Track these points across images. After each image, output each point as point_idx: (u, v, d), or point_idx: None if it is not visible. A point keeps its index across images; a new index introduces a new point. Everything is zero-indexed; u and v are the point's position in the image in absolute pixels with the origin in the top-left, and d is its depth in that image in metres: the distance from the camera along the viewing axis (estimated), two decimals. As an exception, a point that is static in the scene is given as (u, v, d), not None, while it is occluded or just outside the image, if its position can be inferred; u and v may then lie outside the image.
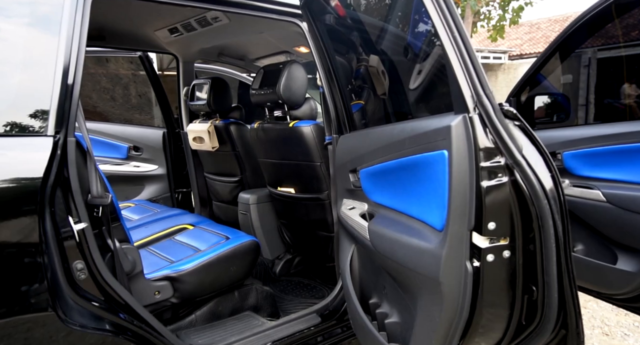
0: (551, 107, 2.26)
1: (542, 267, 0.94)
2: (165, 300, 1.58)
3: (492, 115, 0.92)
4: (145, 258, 1.75)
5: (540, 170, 0.92)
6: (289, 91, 2.07)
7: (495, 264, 0.94)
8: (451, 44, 0.95)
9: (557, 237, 0.91)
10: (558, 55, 2.10)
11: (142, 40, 2.59)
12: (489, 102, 0.93)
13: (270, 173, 2.40)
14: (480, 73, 0.94)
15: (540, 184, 0.91)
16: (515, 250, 0.95)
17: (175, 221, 2.17)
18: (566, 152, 1.85)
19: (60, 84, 1.14)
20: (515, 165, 0.92)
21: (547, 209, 0.90)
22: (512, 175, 0.92)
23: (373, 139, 1.41)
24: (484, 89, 0.94)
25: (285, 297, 2.22)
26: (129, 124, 3.28)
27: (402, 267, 1.13)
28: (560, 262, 0.93)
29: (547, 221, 0.91)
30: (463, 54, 0.94)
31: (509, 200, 0.93)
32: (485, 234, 0.92)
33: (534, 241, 0.94)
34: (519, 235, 0.94)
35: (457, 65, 0.94)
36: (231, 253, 1.74)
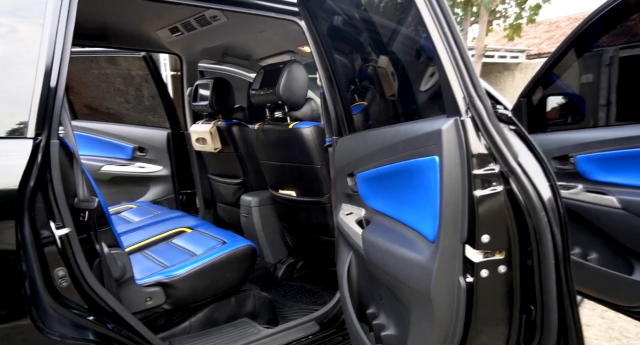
0: (565, 108, 2.15)
1: (541, 285, 0.86)
2: (157, 307, 1.54)
3: (485, 118, 0.84)
4: (140, 263, 1.72)
5: (537, 179, 0.84)
6: (289, 91, 2.02)
7: (489, 280, 0.86)
8: (442, 41, 0.88)
9: (557, 252, 0.83)
10: (573, 52, 1.99)
11: (144, 40, 2.57)
12: (482, 104, 0.85)
13: (272, 175, 2.35)
14: (473, 73, 0.87)
15: (537, 194, 0.83)
16: (512, 266, 0.87)
17: (175, 224, 2.13)
18: (579, 155, 1.75)
19: (42, 83, 1.10)
20: (510, 173, 0.84)
21: (545, 222, 0.82)
22: (507, 184, 0.84)
23: (369, 142, 1.35)
24: (476, 90, 0.86)
25: (286, 303, 2.17)
26: (134, 125, 3.26)
27: (394, 279, 1.06)
28: (561, 280, 0.84)
29: (544, 235, 0.83)
30: (454, 51, 0.87)
31: (504, 211, 0.84)
32: (479, 247, 0.85)
33: (532, 256, 0.86)
34: (515, 250, 0.86)
35: (447, 64, 0.87)
36: (226, 258, 1.69)
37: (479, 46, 9.21)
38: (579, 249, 1.83)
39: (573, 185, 1.79)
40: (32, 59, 1.10)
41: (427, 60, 1.34)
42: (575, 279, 1.87)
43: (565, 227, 0.86)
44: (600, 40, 2.00)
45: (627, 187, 1.54)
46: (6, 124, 1.07)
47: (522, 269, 0.87)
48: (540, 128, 2.11)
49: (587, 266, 1.74)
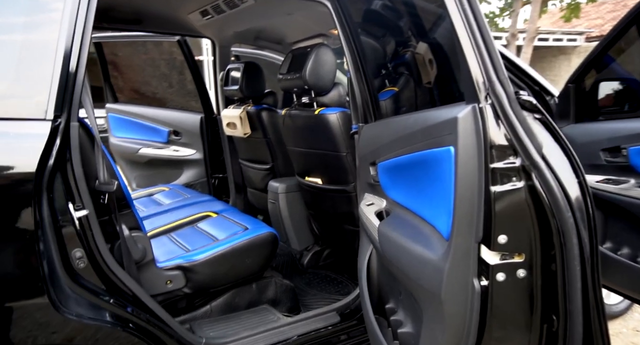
0: (620, 95, 1.94)
1: (565, 293, 0.76)
2: (177, 290, 1.56)
3: (506, 105, 0.74)
4: (163, 245, 1.75)
5: (564, 174, 0.74)
6: (316, 76, 1.95)
7: (506, 285, 0.77)
8: (461, 18, 0.79)
9: (583, 257, 0.73)
10: (635, 31, 1.78)
11: (177, 24, 2.58)
12: (503, 89, 0.75)
13: (298, 162, 2.31)
14: (494, 54, 0.77)
15: (563, 191, 0.73)
16: (533, 270, 0.77)
17: (202, 208, 2.16)
18: (633, 146, 1.58)
19: (62, 66, 1.10)
20: (532, 168, 0.74)
21: (571, 223, 0.72)
22: (529, 180, 0.74)
23: (391, 130, 1.27)
24: (497, 74, 0.76)
25: (310, 291, 2.15)
26: (169, 108, 3.32)
27: (407, 277, 1.00)
28: (587, 288, 0.75)
29: (570, 238, 0.73)
30: (474, 30, 0.77)
31: (524, 210, 0.75)
32: (496, 249, 0.76)
33: (556, 260, 0.76)
34: (537, 252, 0.76)
35: (466, 44, 0.78)
36: (247, 245, 1.68)
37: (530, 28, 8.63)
38: (627, 250, 1.67)
39: (624, 179, 1.62)
40: (51, 41, 1.10)
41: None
42: (623, 282, 1.72)
43: (595, 229, 0.75)
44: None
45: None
46: (25, 106, 1.09)
47: (544, 274, 0.77)
48: (591, 117, 1.92)
49: (637, 269, 1.58)
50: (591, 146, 1.77)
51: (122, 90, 3.80)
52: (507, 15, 9.63)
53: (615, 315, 2.42)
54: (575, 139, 1.88)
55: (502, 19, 10.17)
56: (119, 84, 3.85)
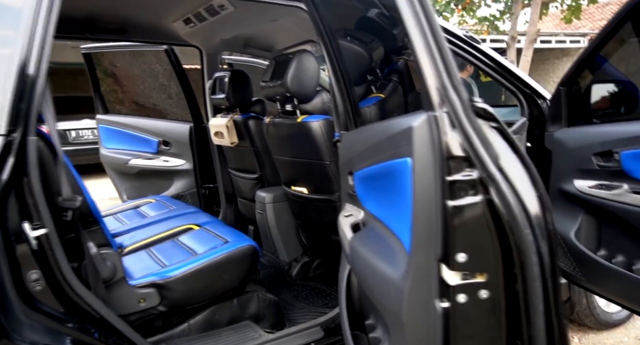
0: (613, 97, 1.87)
1: (527, 316, 0.69)
2: (152, 308, 1.50)
3: (460, 113, 0.68)
4: (140, 261, 1.70)
5: (522, 187, 0.67)
6: (298, 83, 1.90)
7: (468, 307, 0.70)
8: (415, 22, 0.73)
9: (544, 278, 0.66)
10: (630, 28, 1.70)
11: (163, 33, 2.55)
12: (457, 96, 0.69)
13: (284, 171, 2.26)
14: (448, 60, 0.71)
15: (521, 205, 0.66)
16: (496, 291, 0.70)
17: (185, 220, 2.10)
18: (625, 151, 1.51)
19: (17, 78, 1.06)
20: (489, 181, 0.67)
21: (530, 241, 0.66)
22: (487, 194, 0.68)
23: (365, 138, 1.21)
24: (451, 79, 0.70)
25: (297, 305, 2.08)
26: (158, 118, 3.29)
27: (372, 295, 0.93)
28: (550, 311, 0.68)
29: (529, 257, 0.66)
30: (427, 34, 0.72)
31: (483, 226, 0.68)
32: (455, 268, 0.69)
33: (517, 281, 0.69)
34: (499, 272, 0.70)
35: (420, 49, 0.72)
36: (225, 259, 1.62)
37: (530, 31, 8.56)
38: (622, 258, 1.59)
39: (617, 185, 1.55)
40: (4, 52, 1.06)
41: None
42: (618, 291, 1.64)
43: (554, 247, 0.69)
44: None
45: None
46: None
47: (507, 296, 0.70)
48: (583, 120, 1.85)
49: (632, 277, 1.51)
50: (583, 151, 1.71)
51: (123, 102, 3.78)
52: (507, 18, 9.57)
53: (616, 323, 2.33)
54: (567, 143, 1.81)
55: (503, 21, 10.11)
56: (119, 96, 3.82)
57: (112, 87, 3.78)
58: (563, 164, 1.83)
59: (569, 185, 1.77)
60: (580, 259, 1.71)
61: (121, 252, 1.77)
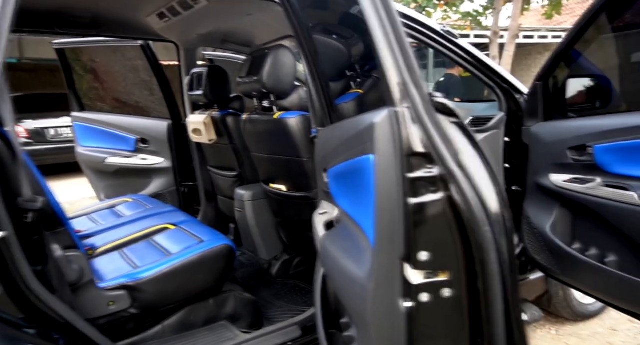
0: (588, 92, 1.88)
1: (488, 315, 0.68)
2: (122, 311, 1.46)
3: (421, 109, 0.66)
4: (112, 262, 1.65)
5: (482, 184, 0.66)
6: (274, 79, 1.87)
7: (432, 306, 0.68)
8: (375, 16, 0.71)
9: (504, 276, 0.65)
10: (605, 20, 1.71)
11: (137, 28, 2.48)
12: (417, 92, 0.67)
13: (263, 168, 2.23)
14: (408, 55, 0.69)
15: (481, 203, 0.65)
16: (459, 289, 0.69)
17: (161, 220, 2.05)
18: (598, 145, 1.52)
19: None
20: (449, 177, 0.66)
21: (489, 238, 0.64)
22: (448, 191, 0.66)
23: (339, 135, 1.19)
24: (411, 74, 0.68)
25: (276, 303, 2.06)
26: (136, 116, 3.21)
27: (340, 295, 0.91)
28: (510, 309, 0.67)
29: (489, 255, 0.65)
30: (387, 27, 0.70)
31: (445, 224, 0.67)
32: (418, 267, 0.68)
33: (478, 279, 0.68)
34: (461, 270, 0.68)
35: (382, 42, 0.70)
36: (199, 259, 1.59)
37: (512, 26, 8.64)
38: (595, 250, 1.61)
39: (590, 178, 1.56)
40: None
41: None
42: (592, 284, 1.65)
43: (511, 244, 0.68)
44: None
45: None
46: None
47: (470, 294, 0.69)
48: (561, 114, 1.86)
49: (604, 270, 1.52)
50: (558, 145, 1.71)
51: (104, 99, 3.68)
52: (490, 13, 9.64)
53: (592, 314, 2.37)
54: (544, 137, 1.82)
55: (486, 17, 10.18)
56: (100, 94, 3.71)
57: (92, 84, 3.69)
58: (539, 159, 1.84)
59: (545, 179, 1.78)
60: (556, 253, 1.72)
61: (92, 253, 1.73)
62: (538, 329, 2.34)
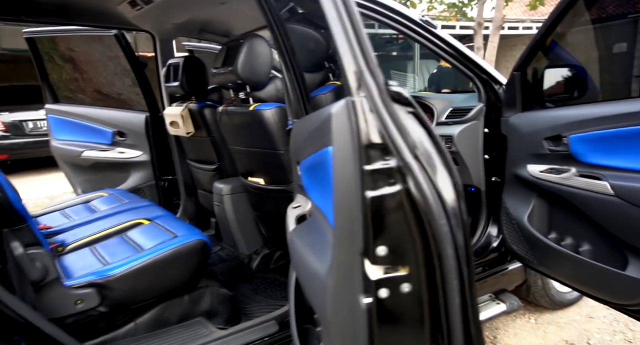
0: (565, 82, 1.88)
1: (446, 310, 0.66)
2: (91, 309, 1.42)
3: (376, 98, 0.64)
4: (82, 259, 1.60)
5: (438, 175, 0.64)
6: (249, 70, 1.83)
7: (391, 302, 0.66)
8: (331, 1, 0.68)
9: (461, 270, 0.64)
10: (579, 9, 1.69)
11: (109, 16, 2.39)
12: (374, 80, 0.65)
13: (240, 161, 2.18)
14: (364, 42, 0.66)
15: (437, 195, 0.62)
16: (418, 284, 0.67)
17: (135, 215, 2.00)
18: (573, 135, 1.51)
19: None
20: (406, 169, 0.63)
21: (446, 232, 0.62)
22: (406, 183, 0.64)
23: (309, 126, 1.16)
24: (367, 62, 0.66)
25: (255, 298, 2.03)
26: (113, 108, 3.13)
27: (305, 292, 0.89)
28: (467, 304, 0.65)
29: (445, 248, 0.63)
30: (342, 14, 0.67)
31: (403, 217, 0.64)
32: (377, 261, 0.65)
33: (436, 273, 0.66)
34: (420, 264, 0.66)
35: (337, 30, 0.67)
36: (171, 254, 1.55)
37: (496, 17, 8.67)
38: (570, 240, 1.61)
39: (566, 168, 1.56)
40: None
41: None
42: (566, 274, 1.66)
43: (469, 238, 0.66)
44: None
45: (624, 171, 1.30)
46: None
47: (430, 289, 0.67)
48: (540, 104, 1.86)
49: (578, 259, 1.53)
50: (535, 135, 1.71)
51: (85, 91, 3.56)
52: (475, 4, 9.64)
53: (570, 302, 2.40)
54: (521, 128, 1.81)
55: (471, 8, 10.18)
56: (81, 85, 3.59)
57: (72, 75, 3.57)
58: (517, 149, 1.84)
59: (522, 170, 1.78)
60: (532, 243, 1.72)
61: (62, 250, 1.68)
62: (517, 318, 2.36)
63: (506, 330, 2.27)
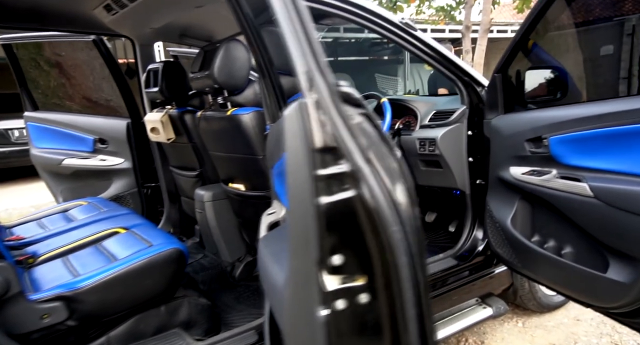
0: (546, 83, 1.86)
1: (405, 321, 0.62)
2: (59, 324, 1.36)
3: (327, 99, 0.60)
4: (52, 271, 1.55)
5: (392, 180, 0.60)
6: (226, 74, 1.79)
7: (349, 314, 0.62)
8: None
9: (416, 280, 0.60)
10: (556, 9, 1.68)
11: (86, 21, 2.35)
12: (323, 80, 0.61)
13: (221, 167, 2.14)
14: (313, 40, 0.63)
15: (390, 200, 0.59)
16: (376, 294, 0.63)
17: (113, 223, 1.95)
18: (553, 136, 1.50)
19: None
20: (358, 173, 0.60)
21: (399, 239, 0.59)
22: (359, 188, 0.61)
23: (280, 131, 1.12)
24: (317, 61, 0.63)
25: (237, 307, 1.98)
26: (94, 115, 3.07)
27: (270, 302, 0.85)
28: (423, 315, 0.61)
29: (399, 256, 0.59)
30: (290, 11, 0.64)
31: (357, 224, 0.61)
32: (333, 271, 0.62)
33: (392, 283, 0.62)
34: (377, 273, 0.62)
35: (287, 28, 0.64)
36: (145, 265, 1.50)
37: (484, 20, 8.72)
38: (553, 242, 1.59)
39: (547, 170, 1.54)
40: None
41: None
42: (550, 277, 1.64)
43: (423, 246, 0.63)
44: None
45: (603, 172, 1.28)
46: None
47: (388, 300, 0.63)
48: (522, 106, 1.84)
49: (560, 262, 1.51)
50: (517, 137, 1.69)
51: (73, 98, 3.50)
52: (463, 7, 9.69)
53: (557, 305, 2.38)
54: (503, 130, 1.79)
55: (459, 11, 10.24)
56: (69, 92, 3.53)
57: (52, 81, 3.50)
58: (500, 151, 1.82)
59: (505, 172, 1.76)
60: (516, 246, 1.70)
61: (33, 262, 1.62)
62: (505, 322, 2.33)
63: (494, 334, 2.24)
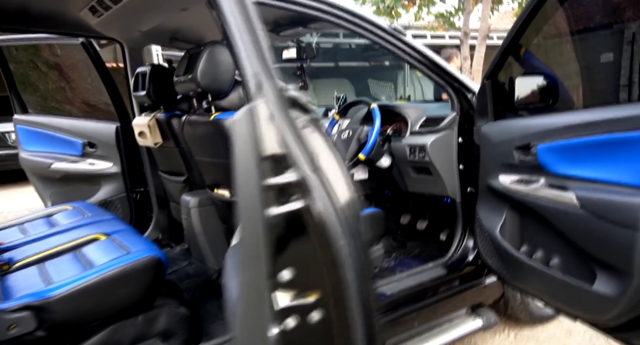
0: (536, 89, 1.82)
1: (351, 341, 0.58)
2: (27, 335, 1.31)
3: (274, 104, 0.57)
4: (26, 279, 1.51)
5: (339, 191, 0.57)
6: (210, 78, 1.76)
7: (300, 331, 0.58)
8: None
9: (367, 297, 0.56)
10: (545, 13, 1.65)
11: (73, 24, 2.32)
12: (270, 83, 0.58)
13: (206, 173, 2.10)
14: (261, 43, 0.60)
15: (337, 212, 0.55)
16: (328, 311, 0.58)
17: (94, 229, 1.91)
18: (541, 144, 1.46)
19: None
20: (306, 184, 0.56)
21: (346, 254, 0.55)
22: (308, 199, 0.56)
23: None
24: (265, 65, 0.59)
25: (220, 316, 1.93)
26: (83, 118, 3.04)
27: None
28: (373, 334, 0.57)
29: (346, 272, 0.55)
30: (235, 13, 0.60)
31: (306, 236, 0.57)
32: (283, 286, 0.57)
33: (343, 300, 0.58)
34: (329, 289, 0.58)
35: (235, 31, 0.60)
36: (120, 272, 1.45)
37: (482, 27, 8.71)
38: (541, 253, 1.55)
39: (535, 179, 1.50)
40: None
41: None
42: (538, 288, 1.59)
43: (370, 261, 0.59)
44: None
45: (590, 182, 1.24)
46: None
47: (340, 317, 0.58)
48: (513, 112, 1.81)
49: (548, 274, 1.46)
50: (506, 145, 1.65)
51: (73, 102, 3.47)
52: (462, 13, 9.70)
53: (549, 317, 2.33)
54: (492, 137, 1.76)
55: (458, 18, 10.25)
56: (68, 96, 3.50)
57: (58, 84, 3.48)
58: (489, 159, 1.78)
59: (494, 180, 1.72)
60: (505, 256, 1.66)
61: (8, 268, 1.58)
62: (497, 334, 2.28)
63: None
